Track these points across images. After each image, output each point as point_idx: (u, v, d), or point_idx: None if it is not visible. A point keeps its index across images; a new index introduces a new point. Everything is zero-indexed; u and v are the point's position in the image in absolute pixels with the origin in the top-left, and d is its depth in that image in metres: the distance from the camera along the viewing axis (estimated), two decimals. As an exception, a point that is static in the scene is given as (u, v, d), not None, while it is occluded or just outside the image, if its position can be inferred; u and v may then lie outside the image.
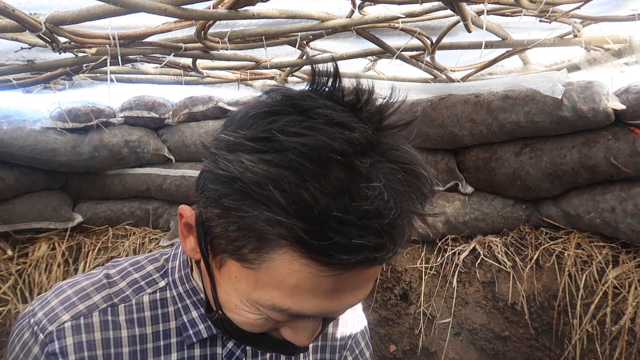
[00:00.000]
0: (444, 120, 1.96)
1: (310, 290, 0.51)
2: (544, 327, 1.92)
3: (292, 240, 0.46)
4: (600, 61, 1.71)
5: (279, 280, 0.51)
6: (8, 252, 2.29)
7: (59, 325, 0.65)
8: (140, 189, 2.38)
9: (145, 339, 0.69)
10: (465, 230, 2.09)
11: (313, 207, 0.43)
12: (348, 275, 0.50)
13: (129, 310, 0.69)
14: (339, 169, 0.45)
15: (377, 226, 0.45)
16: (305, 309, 0.53)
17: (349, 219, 0.44)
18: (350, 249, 0.45)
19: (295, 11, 1.33)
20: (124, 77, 2.00)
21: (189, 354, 0.70)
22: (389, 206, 0.46)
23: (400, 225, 0.47)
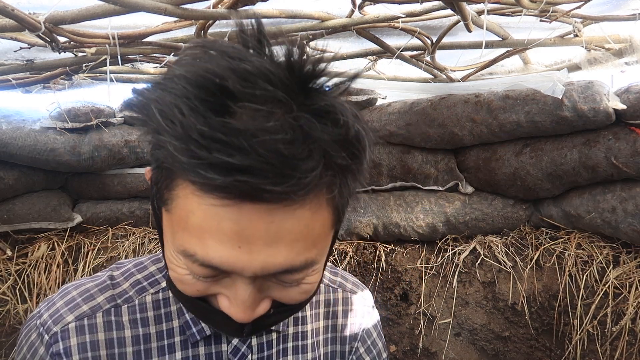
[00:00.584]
0: (444, 120, 1.96)
1: (213, 234, 0.48)
2: (544, 327, 1.92)
3: (177, 167, 0.44)
4: (601, 61, 1.71)
5: (184, 220, 0.49)
6: (7, 252, 2.29)
7: (63, 326, 0.66)
8: (140, 189, 2.37)
9: (149, 338, 0.69)
10: (465, 230, 2.09)
11: (181, 123, 0.42)
12: (252, 218, 0.46)
13: (132, 311, 0.69)
14: (216, 91, 0.43)
15: (245, 144, 0.41)
16: (211, 255, 0.48)
17: (212, 134, 0.41)
18: (219, 168, 0.42)
19: (295, 11, 1.33)
20: (124, 77, 2.00)
21: (194, 353, 0.70)
22: (265, 126, 0.42)
23: (285, 150, 0.42)
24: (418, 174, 2.13)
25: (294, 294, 0.56)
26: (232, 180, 0.42)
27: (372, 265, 2.16)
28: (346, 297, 0.84)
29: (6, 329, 2.21)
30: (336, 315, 0.82)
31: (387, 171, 2.17)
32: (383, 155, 2.16)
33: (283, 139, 0.42)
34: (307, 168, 0.44)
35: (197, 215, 0.47)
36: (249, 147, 0.41)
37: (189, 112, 0.42)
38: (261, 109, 0.42)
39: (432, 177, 2.12)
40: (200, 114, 0.42)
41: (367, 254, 2.18)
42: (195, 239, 0.49)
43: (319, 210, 0.50)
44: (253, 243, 0.48)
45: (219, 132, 0.41)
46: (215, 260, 0.49)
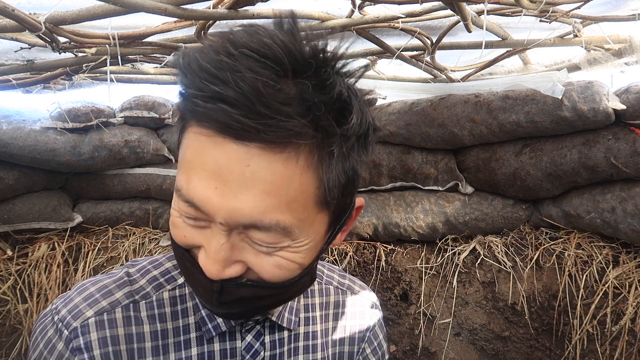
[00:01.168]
0: (444, 120, 1.96)
1: (197, 169, 0.52)
2: (544, 327, 1.92)
3: (181, 100, 0.51)
4: (601, 61, 1.71)
5: (182, 157, 0.54)
6: (8, 252, 2.29)
7: (83, 321, 0.66)
8: (140, 189, 2.38)
9: (167, 334, 0.70)
10: (465, 230, 2.09)
11: (190, 63, 0.49)
12: (230, 158, 0.49)
13: (150, 307, 0.70)
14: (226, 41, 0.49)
15: (229, 77, 0.46)
16: (192, 191, 0.52)
17: (207, 68, 0.47)
18: (205, 96, 0.47)
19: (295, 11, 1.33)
20: (124, 77, 2.00)
21: (209, 349, 0.71)
22: (252, 67, 0.47)
23: (262, 88, 0.46)
24: (418, 174, 2.13)
25: (267, 265, 0.56)
26: (213, 107, 0.47)
27: (372, 265, 2.16)
28: (354, 299, 0.86)
29: (6, 329, 2.21)
30: (345, 317, 0.84)
31: (387, 171, 2.17)
32: (383, 155, 2.16)
33: (266, 81, 0.46)
34: (284, 112, 0.46)
35: (190, 151, 0.52)
36: (232, 80, 0.46)
37: (199, 54, 0.48)
38: (257, 57, 0.47)
39: (432, 177, 2.12)
40: (205, 54, 0.48)
41: (367, 254, 2.18)
42: (184, 174, 0.53)
43: (298, 171, 0.51)
44: (227, 185, 0.50)
45: (212, 66, 0.47)
46: (194, 198, 0.52)
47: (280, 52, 0.48)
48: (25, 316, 2.22)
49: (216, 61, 0.47)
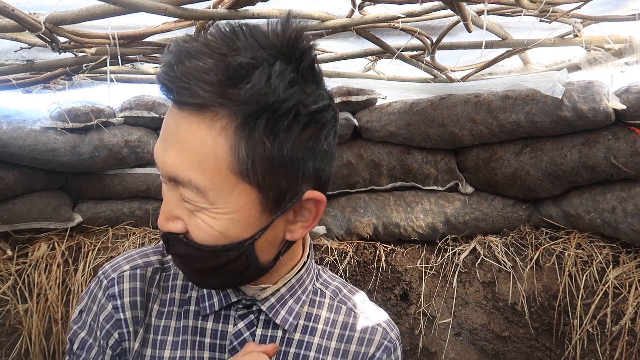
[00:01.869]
0: (444, 120, 1.96)
1: (161, 137, 0.63)
2: (544, 327, 1.92)
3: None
4: (601, 61, 1.71)
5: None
6: (8, 252, 2.29)
7: (120, 273, 0.78)
8: (140, 189, 2.38)
9: (174, 302, 0.78)
10: (465, 230, 2.09)
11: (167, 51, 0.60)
12: (170, 120, 0.60)
13: (167, 278, 0.80)
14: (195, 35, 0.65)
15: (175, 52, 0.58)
16: (156, 156, 0.62)
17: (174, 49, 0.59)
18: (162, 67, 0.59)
19: (295, 11, 1.33)
20: (124, 77, 2.00)
21: (202, 325, 0.76)
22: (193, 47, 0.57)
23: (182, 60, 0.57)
24: (418, 174, 2.13)
25: (192, 224, 0.63)
26: (158, 71, 0.60)
27: (372, 265, 2.16)
28: (367, 325, 0.80)
29: (6, 329, 2.21)
30: (351, 341, 0.78)
31: (387, 171, 2.17)
32: (383, 155, 2.16)
33: (192, 53, 0.56)
34: (201, 79, 0.55)
35: (163, 124, 0.63)
36: (175, 54, 0.58)
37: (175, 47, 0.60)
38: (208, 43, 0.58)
39: (432, 177, 2.12)
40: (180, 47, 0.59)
41: (367, 254, 2.18)
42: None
43: (212, 135, 0.58)
44: (166, 141, 0.61)
45: (175, 47, 0.59)
46: (158, 160, 0.62)
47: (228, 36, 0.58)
48: (25, 316, 2.22)
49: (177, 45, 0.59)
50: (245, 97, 0.56)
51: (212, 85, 0.55)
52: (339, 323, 0.79)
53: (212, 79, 0.55)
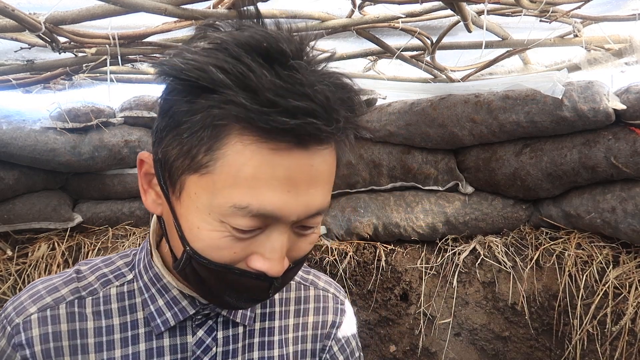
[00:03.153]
0: (444, 120, 1.96)
1: (266, 181, 0.53)
2: (544, 327, 1.92)
3: (239, 117, 0.51)
4: (601, 61, 1.71)
5: (235, 175, 0.53)
6: (8, 252, 2.29)
7: (26, 317, 0.66)
8: (140, 189, 2.37)
9: (112, 330, 0.69)
10: (465, 230, 2.09)
11: (251, 77, 0.49)
12: (299, 163, 0.54)
13: (96, 303, 0.70)
14: (270, 51, 0.51)
15: (309, 91, 0.50)
16: (265, 203, 0.54)
17: (283, 84, 0.50)
18: (287, 111, 0.49)
19: (295, 11, 1.33)
20: (124, 77, 2.00)
21: (158, 344, 0.70)
22: (317, 79, 0.52)
23: (331, 98, 0.51)
24: (418, 174, 2.13)
25: (304, 244, 0.62)
26: (300, 122, 0.50)
27: (372, 265, 2.16)
28: (318, 294, 0.84)
29: None
30: (307, 313, 0.82)
31: (387, 171, 2.17)
32: (383, 155, 2.16)
33: (330, 89, 0.52)
34: (342, 113, 0.53)
35: (250, 166, 0.52)
36: (312, 94, 0.50)
37: (257, 67, 0.50)
38: (308, 66, 0.53)
39: (432, 177, 2.12)
40: (268, 69, 0.50)
41: (367, 254, 2.18)
42: (247, 190, 0.53)
43: (333, 157, 0.59)
44: (299, 187, 0.55)
45: (288, 82, 0.50)
46: (268, 207, 0.54)
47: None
48: (25, 316, 2.23)
49: (287, 76, 0.50)
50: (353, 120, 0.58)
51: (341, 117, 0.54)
52: (292, 300, 0.82)
53: (344, 111, 0.54)
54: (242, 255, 0.58)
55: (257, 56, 0.51)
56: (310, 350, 0.81)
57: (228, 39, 0.52)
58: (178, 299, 0.70)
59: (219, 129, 0.52)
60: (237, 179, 0.53)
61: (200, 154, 0.54)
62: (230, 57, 0.51)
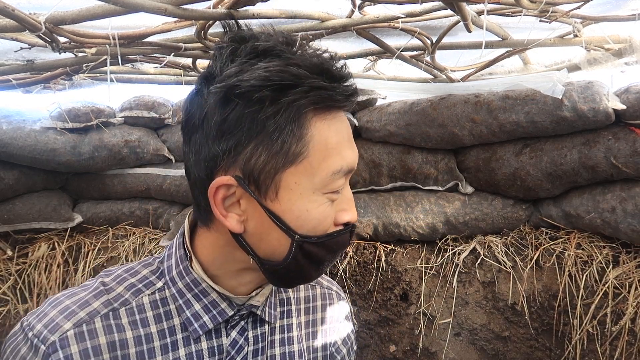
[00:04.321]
0: (444, 120, 1.96)
1: (342, 142, 0.66)
2: (544, 327, 1.92)
3: (318, 99, 0.62)
4: (601, 61, 1.71)
5: (325, 148, 0.64)
6: (8, 252, 2.29)
7: (62, 334, 0.64)
8: (140, 189, 2.38)
9: (152, 337, 0.70)
10: (465, 230, 2.09)
11: (322, 64, 0.63)
12: (345, 124, 0.68)
13: (131, 313, 0.70)
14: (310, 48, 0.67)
15: (347, 75, 0.67)
16: (348, 159, 0.67)
17: (335, 64, 0.65)
18: (344, 89, 0.65)
19: (295, 11, 1.33)
20: (124, 77, 2.00)
21: (197, 348, 0.72)
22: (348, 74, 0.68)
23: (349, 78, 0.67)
24: (418, 174, 2.13)
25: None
26: (349, 94, 0.66)
27: (372, 265, 2.16)
28: (323, 292, 0.91)
29: (6, 329, 2.21)
30: (316, 310, 0.88)
31: (387, 171, 2.17)
32: (383, 155, 2.16)
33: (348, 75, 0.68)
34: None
35: (331, 137, 0.65)
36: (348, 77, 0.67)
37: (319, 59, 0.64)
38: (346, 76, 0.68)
39: (432, 177, 2.12)
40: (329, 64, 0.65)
41: (367, 254, 2.18)
42: (335, 155, 0.65)
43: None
44: (350, 142, 0.69)
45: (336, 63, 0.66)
46: (351, 162, 0.67)
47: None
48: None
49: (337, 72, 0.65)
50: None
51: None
52: (302, 299, 0.88)
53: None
54: (333, 219, 0.68)
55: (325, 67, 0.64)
56: (322, 346, 0.87)
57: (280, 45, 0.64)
58: (217, 301, 0.72)
59: (302, 118, 0.63)
60: (326, 151, 0.64)
61: (293, 146, 0.63)
62: (297, 57, 0.63)
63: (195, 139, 0.67)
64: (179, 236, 0.76)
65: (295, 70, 0.61)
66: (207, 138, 0.65)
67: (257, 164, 0.63)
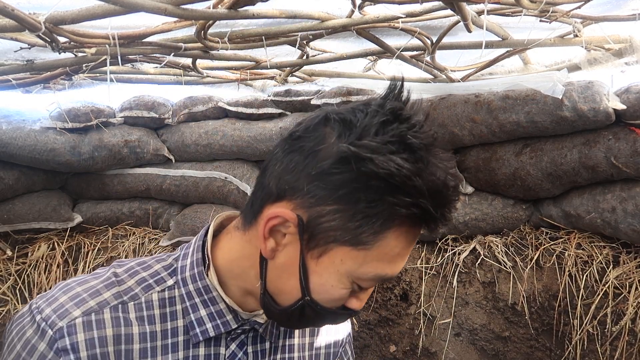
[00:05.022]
0: (444, 120, 1.96)
1: (402, 255, 0.67)
2: (544, 327, 1.92)
3: (416, 217, 0.62)
4: (601, 61, 1.71)
5: (386, 253, 0.64)
6: (7, 252, 2.29)
7: (70, 321, 0.64)
8: (140, 189, 2.37)
9: (155, 336, 0.70)
10: (465, 230, 2.09)
11: (442, 190, 0.62)
12: (416, 239, 0.67)
13: (139, 308, 0.70)
14: (444, 162, 0.63)
15: (454, 204, 0.65)
16: (395, 271, 0.67)
17: (452, 197, 0.64)
18: (447, 221, 0.64)
19: (295, 11, 1.33)
20: (124, 77, 2.00)
21: (194, 353, 0.72)
22: (455, 181, 0.65)
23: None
24: (418, 174, 2.12)
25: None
26: (441, 225, 0.65)
27: (372, 265, 2.15)
28: None
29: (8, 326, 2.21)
30: (320, 332, 0.88)
31: (387, 171, 2.17)
32: (383, 155, 2.16)
33: (455, 206, 0.67)
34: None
35: (399, 247, 0.65)
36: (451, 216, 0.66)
37: (444, 179, 0.62)
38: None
39: (432, 177, 2.12)
40: (447, 181, 0.62)
41: (367, 254, 2.18)
42: (389, 263, 0.66)
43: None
44: (409, 252, 0.69)
45: (453, 194, 0.64)
46: (396, 273, 0.68)
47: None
48: (25, 316, 2.22)
49: (454, 191, 0.64)
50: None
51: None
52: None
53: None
54: (347, 299, 0.70)
55: (440, 164, 0.62)
56: None
57: (421, 146, 0.61)
58: (224, 312, 0.72)
59: (390, 222, 0.62)
60: (385, 255, 0.64)
61: (365, 234, 0.62)
62: (427, 168, 0.61)
63: (293, 157, 0.65)
64: (200, 238, 0.75)
65: (418, 183, 0.59)
66: (304, 168, 0.63)
67: (325, 225, 0.63)
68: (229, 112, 2.30)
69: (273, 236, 0.66)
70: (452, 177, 0.63)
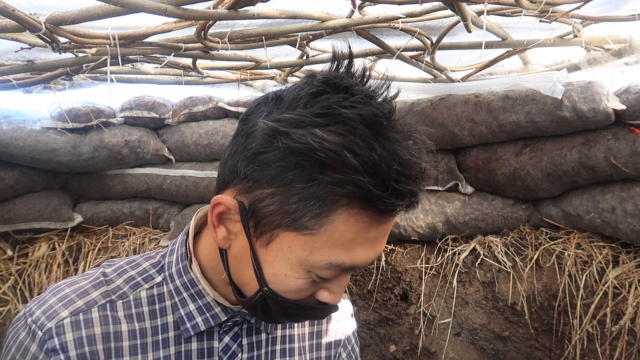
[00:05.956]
0: (444, 120, 1.96)
1: (360, 242, 0.60)
2: (544, 327, 1.92)
3: (358, 197, 0.55)
4: (601, 61, 1.71)
5: (336, 239, 0.59)
6: (8, 252, 2.29)
7: (58, 322, 0.65)
8: (140, 189, 2.38)
9: (145, 333, 0.70)
10: (465, 230, 2.09)
11: (381, 165, 0.54)
12: (385, 226, 0.61)
13: (127, 306, 0.70)
14: (389, 132, 0.56)
15: (418, 174, 0.57)
16: (356, 260, 0.61)
17: (404, 171, 0.55)
18: (403, 195, 0.56)
19: (295, 11, 1.33)
20: (124, 77, 2.00)
21: (186, 348, 0.71)
22: (420, 158, 0.58)
23: (424, 174, 0.59)
24: (418, 174, 2.13)
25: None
26: (407, 202, 0.57)
27: (372, 265, 2.16)
28: None
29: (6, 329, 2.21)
30: (320, 323, 0.86)
31: (387, 171, 2.17)
32: (383, 156, 2.16)
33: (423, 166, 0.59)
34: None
35: (351, 232, 0.59)
36: (419, 175, 0.58)
37: (385, 154, 0.54)
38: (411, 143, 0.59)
39: (432, 177, 2.12)
40: (391, 154, 0.55)
41: (367, 254, 2.18)
42: (343, 250, 0.60)
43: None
44: (379, 242, 0.63)
45: (406, 168, 0.56)
46: (357, 263, 0.61)
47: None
48: (26, 316, 2.23)
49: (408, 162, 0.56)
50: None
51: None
52: None
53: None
54: (313, 292, 0.66)
55: (382, 136, 0.55)
56: (325, 357, 0.86)
57: (355, 117, 0.55)
58: (212, 305, 0.71)
59: (330, 202, 0.56)
60: (337, 242, 0.59)
61: (306, 218, 0.57)
62: (362, 141, 0.54)
63: (236, 141, 0.64)
64: (185, 232, 0.76)
65: (348, 158, 0.53)
66: (242, 151, 0.61)
67: (265, 209, 0.59)
68: (229, 112, 2.31)
69: (224, 224, 0.65)
70: (405, 151, 0.56)
